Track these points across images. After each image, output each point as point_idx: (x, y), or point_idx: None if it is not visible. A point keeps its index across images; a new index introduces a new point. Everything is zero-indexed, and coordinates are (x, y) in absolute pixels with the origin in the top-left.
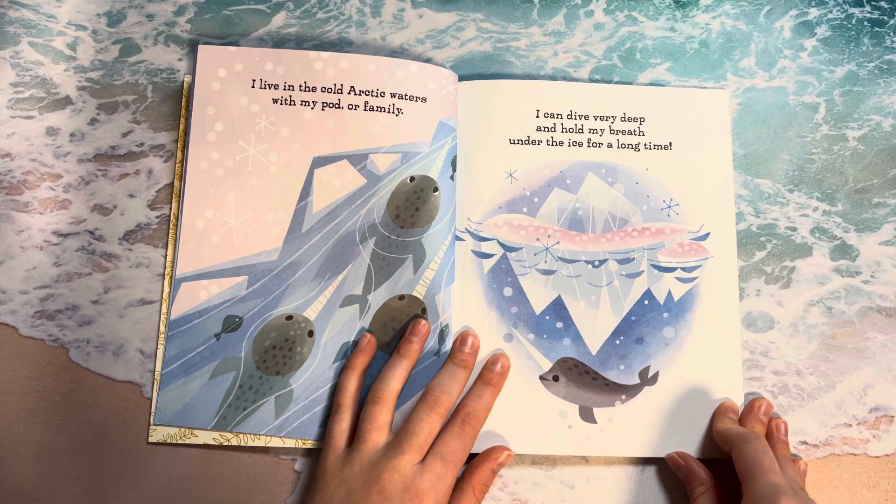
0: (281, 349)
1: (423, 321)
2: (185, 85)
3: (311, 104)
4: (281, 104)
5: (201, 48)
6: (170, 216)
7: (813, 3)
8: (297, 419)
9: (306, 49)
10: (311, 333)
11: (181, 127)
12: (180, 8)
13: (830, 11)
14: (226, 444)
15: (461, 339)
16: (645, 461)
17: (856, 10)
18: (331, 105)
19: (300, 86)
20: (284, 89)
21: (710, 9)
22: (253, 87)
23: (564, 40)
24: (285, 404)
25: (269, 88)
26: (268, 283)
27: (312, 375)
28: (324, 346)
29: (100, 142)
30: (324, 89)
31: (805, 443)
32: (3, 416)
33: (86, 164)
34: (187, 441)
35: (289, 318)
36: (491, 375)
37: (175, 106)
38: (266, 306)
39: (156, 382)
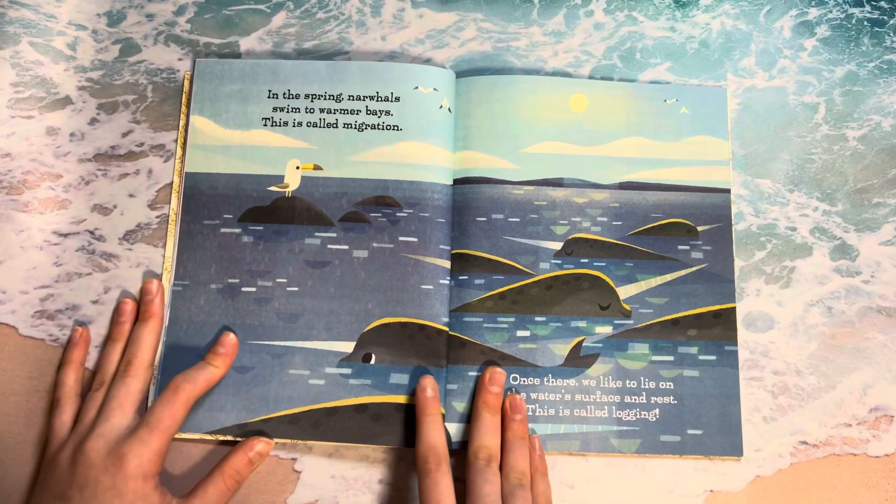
0: None
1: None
2: (185, 82)
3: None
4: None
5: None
6: (169, 211)
7: (813, 3)
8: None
9: (306, 49)
10: None
11: (181, 123)
12: (180, 8)
13: (830, 11)
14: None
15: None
16: (645, 461)
17: (856, 10)
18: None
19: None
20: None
21: (710, 9)
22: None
23: (564, 40)
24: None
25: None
26: None
27: None
28: None
29: (100, 142)
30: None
31: (805, 443)
32: (3, 416)
33: (86, 164)
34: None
35: None
36: (213, 355)
37: (175, 106)
38: None
39: (153, 379)
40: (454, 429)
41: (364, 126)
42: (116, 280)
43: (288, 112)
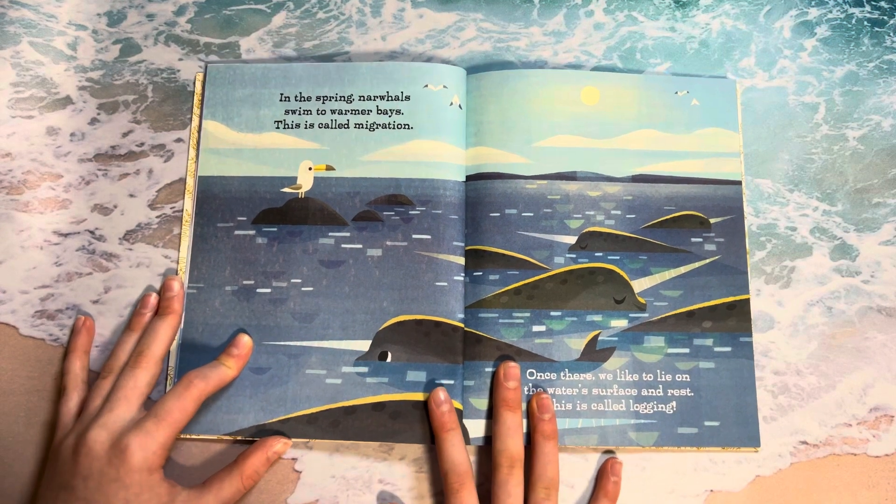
0: None
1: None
2: (196, 83)
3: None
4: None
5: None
6: (182, 213)
7: (813, 3)
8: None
9: (306, 49)
10: None
11: (194, 124)
12: (180, 8)
13: (830, 11)
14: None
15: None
16: (645, 461)
17: (856, 10)
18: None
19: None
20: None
21: (710, 9)
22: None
23: (564, 40)
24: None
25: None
26: None
27: None
28: None
29: (100, 142)
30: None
31: (805, 443)
32: (3, 416)
33: (86, 163)
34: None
35: None
36: (226, 356)
37: (176, 106)
38: None
39: (169, 379)
40: (473, 426)
41: (375, 126)
42: (116, 280)
43: (300, 114)
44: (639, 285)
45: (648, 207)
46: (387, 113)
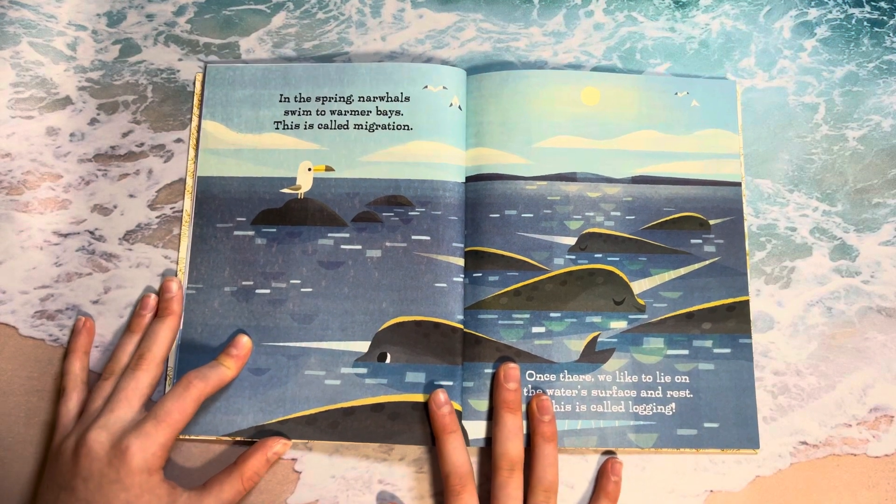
0: None
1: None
2: (196, 84)
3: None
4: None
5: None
6: (181, 214)
7: (813, 4)
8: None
9: (306, 49)
10: None
11: (193, 125)
12: (180, 8)
13: (830, 12)
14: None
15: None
16: (645, 461)
17: (855, 11)
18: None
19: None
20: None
21: (710, 9)
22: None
23: (564, 40)
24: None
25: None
26: None
27: None
28: None
29: (100, 142)
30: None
31: (805, 443)
32: (3, 416)
33: (86, 164)
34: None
35: None
36: (225, 356)
37: (175, 106)
38: None
39: (168, 379)
40: (473, 427)
41: (374, 126)
42: (116, 280)
43: (299, 115)
44: (638, 287)
45: (648, 209)
46: (386, 114)
